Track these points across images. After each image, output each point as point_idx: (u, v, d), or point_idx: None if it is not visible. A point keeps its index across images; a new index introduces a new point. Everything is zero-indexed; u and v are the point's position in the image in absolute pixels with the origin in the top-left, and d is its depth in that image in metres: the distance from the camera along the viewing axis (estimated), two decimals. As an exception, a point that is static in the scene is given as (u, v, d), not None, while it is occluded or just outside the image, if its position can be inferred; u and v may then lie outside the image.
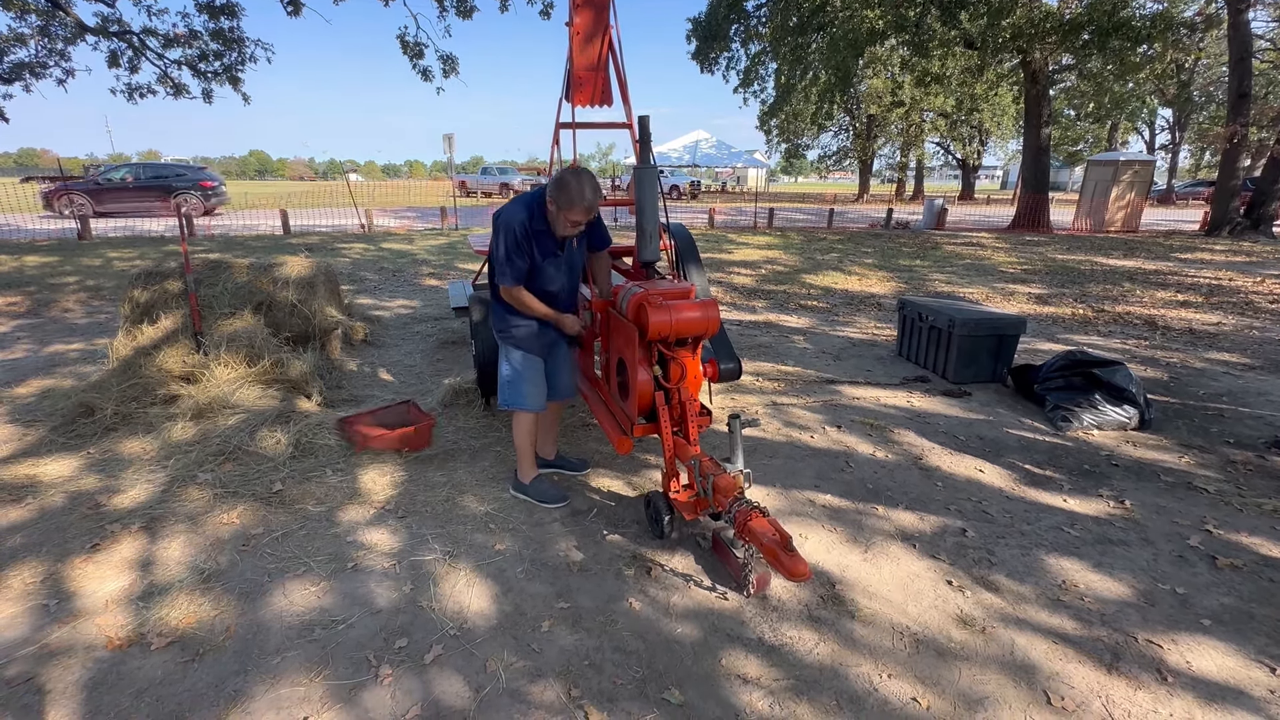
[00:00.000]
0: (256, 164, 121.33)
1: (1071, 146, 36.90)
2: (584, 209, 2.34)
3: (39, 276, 7.99)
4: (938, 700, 1.80)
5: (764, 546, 1.91)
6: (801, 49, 18.92)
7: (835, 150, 39.85)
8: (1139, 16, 14.03)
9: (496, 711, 1.74)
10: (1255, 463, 3.28)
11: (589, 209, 2.35)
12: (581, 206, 2.32)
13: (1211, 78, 31.09)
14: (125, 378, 3.64)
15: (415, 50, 12.95)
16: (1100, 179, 16.83)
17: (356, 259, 10.07)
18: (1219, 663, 1.95)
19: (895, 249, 12.31)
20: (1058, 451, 3.42)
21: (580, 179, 2.32)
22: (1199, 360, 5.13)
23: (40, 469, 2.99)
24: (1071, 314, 6.86)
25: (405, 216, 18.27)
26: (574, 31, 3.79)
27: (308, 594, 2.19)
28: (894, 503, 2.87)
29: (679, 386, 2.44)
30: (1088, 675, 1.89)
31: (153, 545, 2.44)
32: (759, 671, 1.89)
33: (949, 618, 2.13)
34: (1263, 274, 9.63)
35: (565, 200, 2.32)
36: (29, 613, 2.08)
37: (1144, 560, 2.46)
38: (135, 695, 1.76)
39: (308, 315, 4.51)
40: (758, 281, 8.69)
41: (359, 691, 1.79)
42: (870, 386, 4.42)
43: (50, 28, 11.74)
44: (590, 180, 2.36)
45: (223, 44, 12.76)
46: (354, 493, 2.85)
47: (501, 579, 2.29)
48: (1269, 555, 2.49)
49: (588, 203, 2.32)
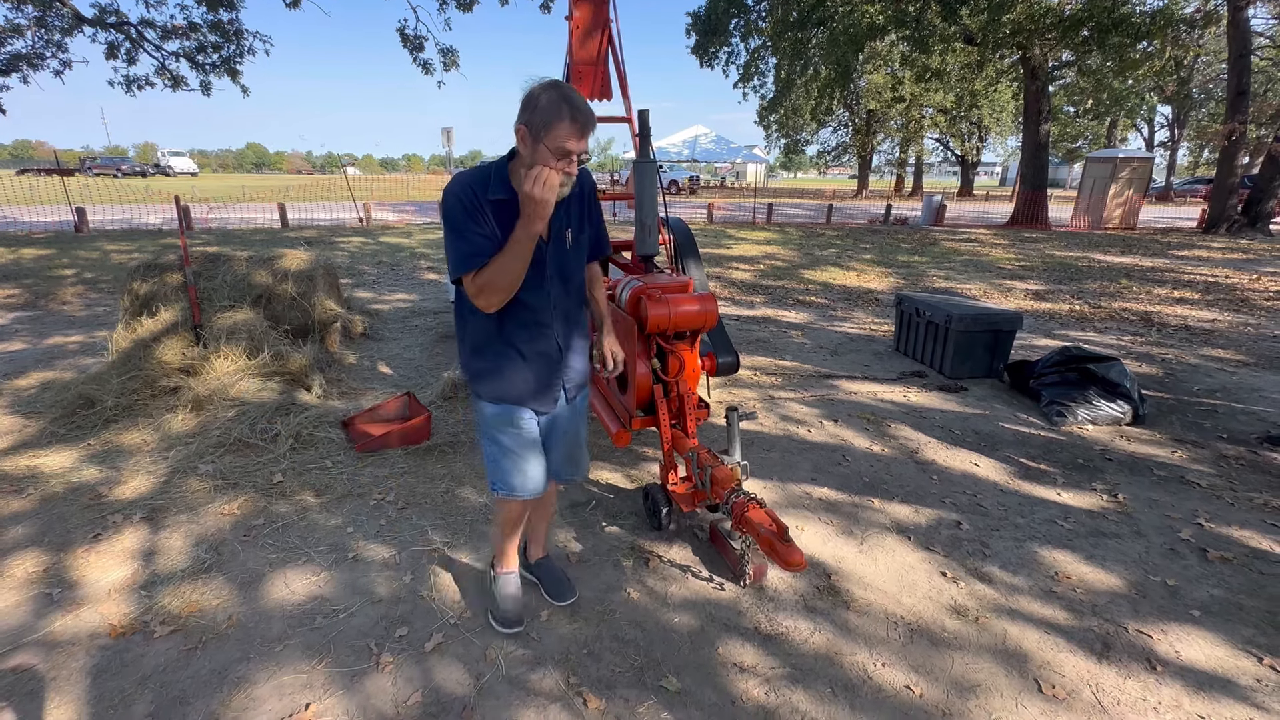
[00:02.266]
0: (254, 157, 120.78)
1: (1070, 143, 36.91)
2: (577, 126, 1.45)
3: (36, 269, 7.97)
4: (931, 688, 1.83)
5: (761, 537, 1.94)
6: (801, 44, 18.90)
7: (835, 146, 39.82)
8: (1139, 13, 14.03)
9: (496, 699, 1.76)
10: (1247, 458, 3.32)
11: (584, 127, 1.47)
12: (572, 122, 1.44)
13: (1210, 75, 31.09)
14: (125, 370, 3.65)
15: (415, 43, 12.90)
16: (1099, 176, 16.84)
17: (355, 252, 10.06)
18: (1207, 652, 1.98)
19: (894, 245, 12.33)
20: (1052, 446, 3.44)
21: (560, 84, 1.50)
22: (1194, 356, 5.17)
23: (41, 460, 3.01)
24: (1068, 310, 6.89)
25: (404, 210, 18.23)
26: (574, 25, 3.80)
27: (309, 583, 2.21)
28: (890, 496, 2.90)
29: (677, 380, 2.46)
30: (1078, 664, 1.92)
31: (154, 535, 2.46)
32: (755, 660, 1.92)
33: (943, 608, 2.16)
34: (1259, 271, 9.67)
35: (544, 116, 1.44)
36: (32, 601, 2.09)
37: (1136, 552, 2.49)
38: (139, 682, 1.79)
39: (307, 308, 4.52)
40: (756, 277, 8.70)
41: (360, 678, 1.82)
42: (867, 381, 4.44)
43: (47, 19, 11.66)
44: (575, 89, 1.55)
45: (221, 36, 12.69)
46: (354, 484, 2.87)
47: (501, 569, 2.31)
48: (1259, 548, 2.52)
49: (582, 114, 1.46)
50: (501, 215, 1.57)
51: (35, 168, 35.72)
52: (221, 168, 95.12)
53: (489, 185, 1.58)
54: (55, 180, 19.61)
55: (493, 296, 1.58)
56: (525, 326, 1.72)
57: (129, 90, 12.87)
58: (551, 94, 1.46)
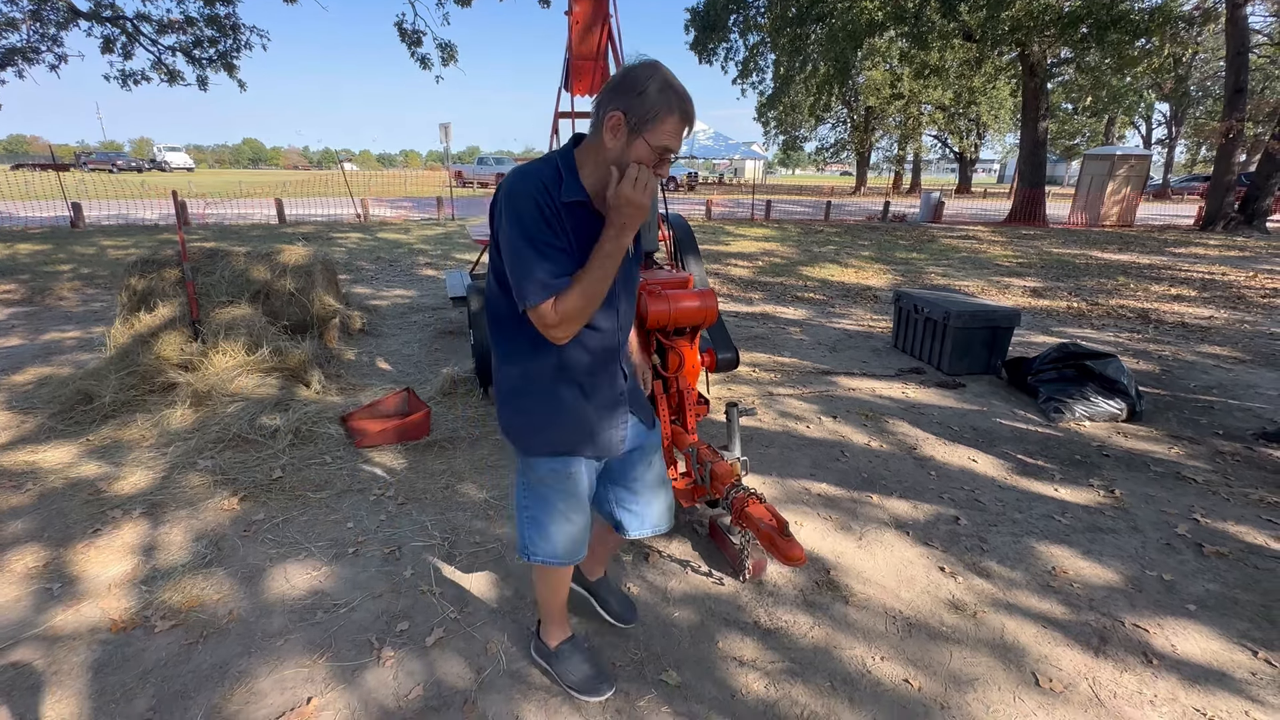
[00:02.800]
0: (250, 152, 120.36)
1: (1068, 140, 36.96)
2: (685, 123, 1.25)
3: (32, 265, 7.94)
4: (929, 682, 1.84)
5: (760, 532, 1.94)
6: (800, 40, 18.86)
7: (833, 142, 39.82)
8: (1137, 10, 14.02)
9: (498, 692, 1.77)
10: (1243, 454, 3.34)
11: (690, 124, 1.26)
12: (681, 117, 1.23)
13: (1208, 72, 31.13)
14: (123, 365, 3.64)
15: (413, 38, 12.86)
16: (1096, 173, 16.86)
17: (352, 248, 10.03)
18: (1203, 646, 1.99)
19: (892, 242, 12.34)
20: (1050, 442, 3.46)
21: (663, 68, 1.24)
22: (1190, 353, 5.19)
23: (40, 456, 3.00)
24: (1066, 307, 6.91)
25: (401, 206, 18.18)
26: (573, 20, 3.79)
27: (309, 578, 2.21)
28: (888, 491, 2.91)
29: (677, 375, 2.46)
30: (1075, 658, 1.94)
31: (154, 530, 2.46)
32: (755, 654, 1.93)
33: (941, 603, 2.17)
34: (1255, 268, 9.70)
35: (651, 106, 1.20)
36: (33, 596, 2.10)
37: (1132, 547, 2.50)
38: (140, 676, 1.79)
39: (305, 304, 4.51)
40: (755, 273, 8.70)
41: (361, 673, 1.82)
42: (866, 378, 4.45)
43: (42, 12, 11.59)
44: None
45: (218, 30, 12.64)
46: (354, 480, 2.87)
47: (501, 565, 2.32)
48: (1254, 543, 2.54)
49: (691, 109, 1.25)
50: (577, 222, 1.27)
51: (30, 163, 35.56)
52: (218, 163, 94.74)
53: (562, 184, 1.27)
54: (51, 175, 19.49)
55: (575, 325, 1.28)
56: (591, 354, 1.41)
57: (125, 85, 12.83)
58: (659, 81, 1.20)
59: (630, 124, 1.20)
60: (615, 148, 1.23)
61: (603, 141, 1.24)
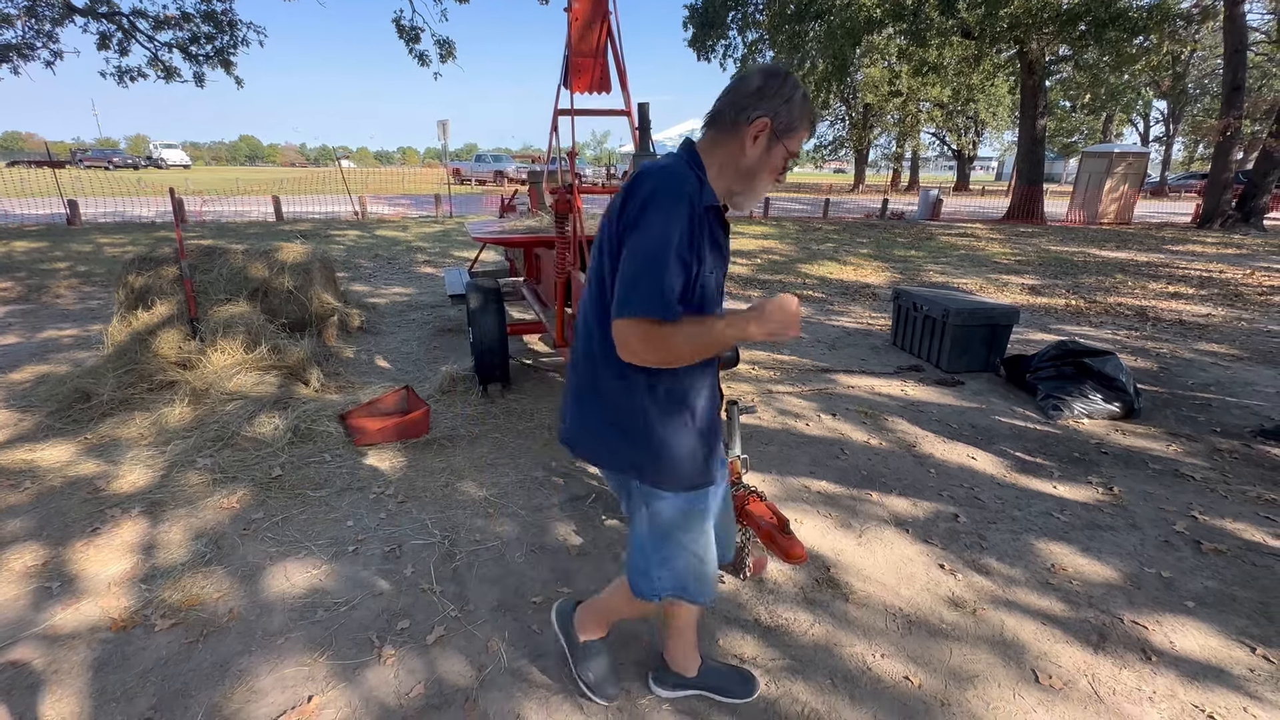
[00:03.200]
0: (247, 149, 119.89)
1: (1066, 138, 36.95)
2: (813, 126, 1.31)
3: (29, 262, 7.91)
4: (929, 679, 1.84)
5: (761, 530, 1.95)
6: (799, 37, 18.82)
7: (831, 140, 39.77)
8: (1136, 8, 14.04)
9: (499, 690, 1.77)
10: (1241, 451, 3.35)
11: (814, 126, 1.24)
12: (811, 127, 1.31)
13: (1206, 70, 31.19)
14: (121, 363, 3.63)
15: (411, 34, 12.82)
16: (1094, 171, 16.88)
17: (350, 246, 10.01)
18: (1201, 643, 2.00)
19: (890, 239, 12.34)
20: (1049, 439, 3.47)
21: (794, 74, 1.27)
22: (1188, 351, 5.20)
23: (37, 454, 2.99)
24: (1064, 305, 6.92)
25: (399, 204, 18.14)
26: (573, 17, 3.77)
27: (309, 576, 2.21)
28: (888, 489, 2.91)
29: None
30: (1075, 655, 1.94)
31: (153, 529, 2.45)
32: (755, 651, 1.93)
33: (941, 600, 2.17)
34: (1253, 266, 9.73)
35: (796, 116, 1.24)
36: (32, 594, 2.09)
37: (1131, 545, 2.51)
38: (140, 675, 1.79)
39: (304, 302, 4.51)
40: (754, 271, 8.70)
41: (362, 671, 1.82)
42: (865, 375, 4.45)
43: (38, 8, 11.54)
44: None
45: (214, 26, 12.60)
46: (353, 478, 2.87)
47: (501, 563, 2.32)
48: (1252, 540, 2.55)
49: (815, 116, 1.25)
50: (710, 227, 1.22)
51: (26, 160, 35.41)
52: (215, 160, 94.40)
53: (703, 188, 1.20)
54: (46, 172, 19.44)
55: (647, 359, 1.17)
56: (702, 373, 1.34)
57: (121, 82, 12.78)
58: (803, 91, 1.23)
59: (776, 130, 1.22)
60: (755, 154, 1.23)
61: (740, 146, 1.23)
